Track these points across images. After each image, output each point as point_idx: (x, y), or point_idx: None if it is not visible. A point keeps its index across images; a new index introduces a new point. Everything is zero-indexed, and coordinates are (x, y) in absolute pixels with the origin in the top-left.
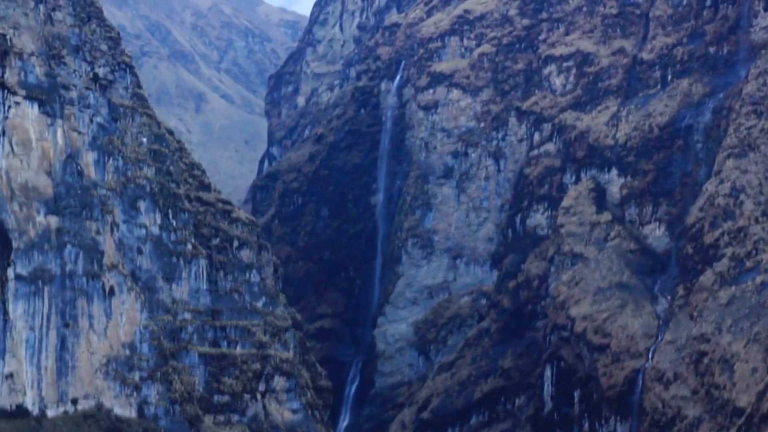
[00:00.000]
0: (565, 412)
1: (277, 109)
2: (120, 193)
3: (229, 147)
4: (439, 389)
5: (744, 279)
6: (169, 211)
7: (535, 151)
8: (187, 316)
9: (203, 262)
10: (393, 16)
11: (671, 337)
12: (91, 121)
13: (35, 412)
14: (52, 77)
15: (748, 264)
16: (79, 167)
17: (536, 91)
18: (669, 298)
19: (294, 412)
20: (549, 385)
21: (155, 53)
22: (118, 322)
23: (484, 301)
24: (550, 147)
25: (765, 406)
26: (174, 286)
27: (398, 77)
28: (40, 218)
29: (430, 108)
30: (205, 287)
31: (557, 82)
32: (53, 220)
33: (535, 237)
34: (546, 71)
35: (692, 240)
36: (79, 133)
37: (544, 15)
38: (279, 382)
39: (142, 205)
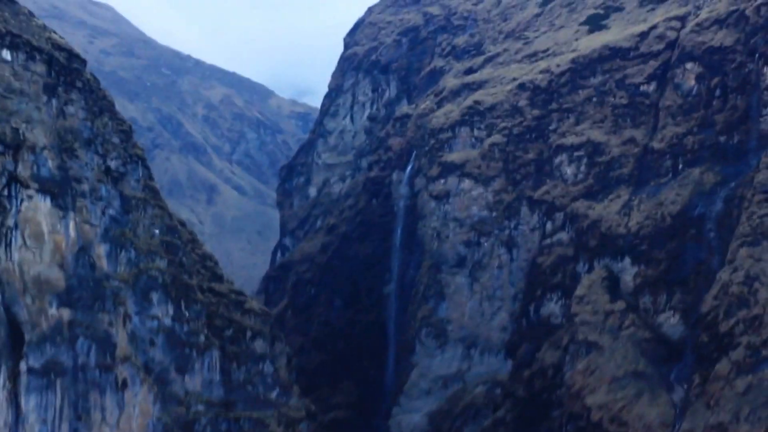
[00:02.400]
0: None
1: (289, 200)
2: (132, 284)
3: (241, 238)
4: None
5: (761, 367)
6: (182, 302)
7: (548, 240)
8: (201, 407)
9: (216, 353)
10: (403, 108)
11: (688, 426)
12: (103, 213)
13: None
14: (65, 170)
15: (765, 352)
16: (91, 259)
17: (547, 180)
18: (685, 386)
19: None
20: None
21: (167, 145)
22: (131, 415)
23: (498, 391)
24: (563, 236)
25: None
26: (187, 377)
27: (409, 167)
28: (52, 311)
29: (441, 198)
30: (218, 378)
31: (568, 171)
32: (66, 313)
33: (549, 326)
34: (557, 161)
35: (707, 328)
36: (92, 225)
37: (554, 105)
38: None
39: (155, 296)
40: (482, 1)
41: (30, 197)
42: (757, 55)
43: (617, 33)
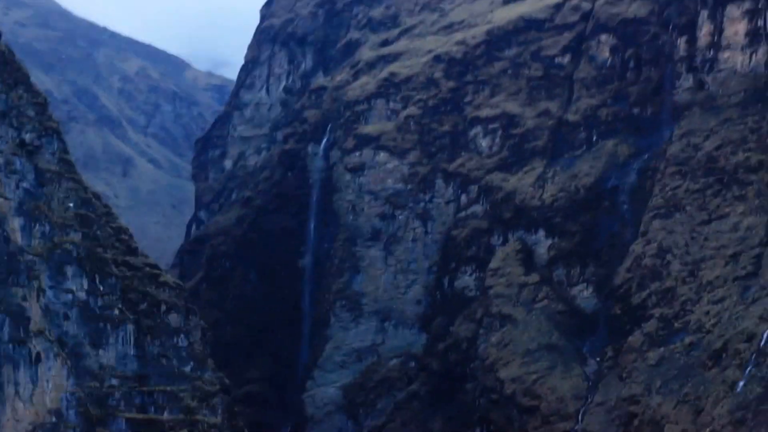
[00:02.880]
0: None
1: (204, 173)
2: (47, 258)
3: (156, 211)
4: None
5: (673, 340)
6: (96, 276)
7: (463, 213)
8: (115, 381)
9: (130, 327)
10: (319, 80)
11: (601, 399)
12: (18, 186)
13: None
14: None
15: (677, 325)
16: (5, 233)
17: (463, 152)
18: (598, 359)
19: None
20: None
21: (82, 118)
22: (45, 389)
23: (413, 364)
24: (477, 209)
25: None
26: (101, 351)
27: (325, 140)
28: None
29: (357, 170)
30: (132, 352)
31: (483, 143)
32: None
33: (464, 299)
34: (472, 133)
35: (620, 301)
36: (6, 198)
37: (470, 77)
38: None
39: (69, 270)
40: None
41: None
42: (670, 27)
43: (532, 4)
